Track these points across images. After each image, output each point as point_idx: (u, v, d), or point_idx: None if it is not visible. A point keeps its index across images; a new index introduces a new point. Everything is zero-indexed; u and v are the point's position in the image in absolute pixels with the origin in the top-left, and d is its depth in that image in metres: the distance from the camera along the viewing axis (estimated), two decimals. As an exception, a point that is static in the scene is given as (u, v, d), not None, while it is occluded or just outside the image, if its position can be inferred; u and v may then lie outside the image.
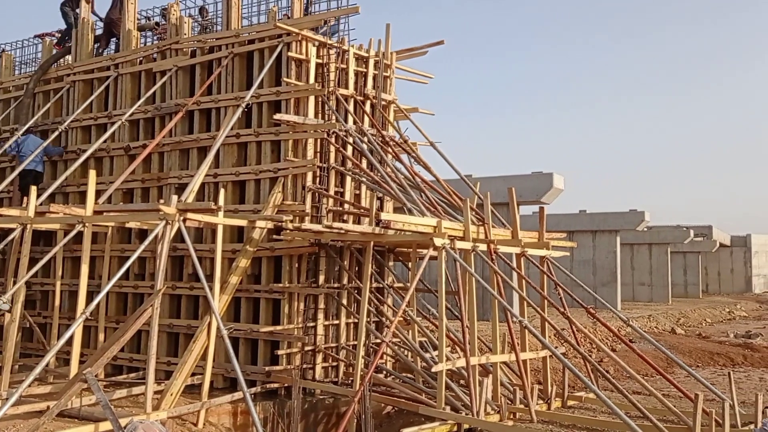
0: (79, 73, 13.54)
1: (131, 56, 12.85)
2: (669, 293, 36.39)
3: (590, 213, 30.98)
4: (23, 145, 12.75)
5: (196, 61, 12.01)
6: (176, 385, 8.69)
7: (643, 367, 13.08)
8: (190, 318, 11.16)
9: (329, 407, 10.19)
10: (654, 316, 26.35)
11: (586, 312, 10.96)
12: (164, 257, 8.78)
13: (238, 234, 11.00)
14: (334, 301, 10.97)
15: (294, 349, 10.31)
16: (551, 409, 10.18)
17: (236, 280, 10.03)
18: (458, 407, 9.07)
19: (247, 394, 7.80)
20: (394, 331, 9.82)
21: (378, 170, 11.01)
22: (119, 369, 11.50)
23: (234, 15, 11.89)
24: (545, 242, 11.03)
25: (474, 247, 9.75)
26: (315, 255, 10.67)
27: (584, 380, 8.55)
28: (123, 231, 11.97)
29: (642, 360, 10.39)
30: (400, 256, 12.23)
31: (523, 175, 22.66)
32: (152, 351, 8.34)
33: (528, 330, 9.67)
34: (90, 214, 9.78)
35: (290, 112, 10.81)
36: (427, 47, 12.85)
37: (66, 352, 9.83)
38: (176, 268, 11.53)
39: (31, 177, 12.50)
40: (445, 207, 11.21)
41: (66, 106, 13.70)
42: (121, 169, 12.09)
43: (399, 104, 12.66)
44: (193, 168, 11.42)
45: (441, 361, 8.90)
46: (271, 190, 10.72)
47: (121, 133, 12.57)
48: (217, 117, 11.59)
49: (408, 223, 9.33)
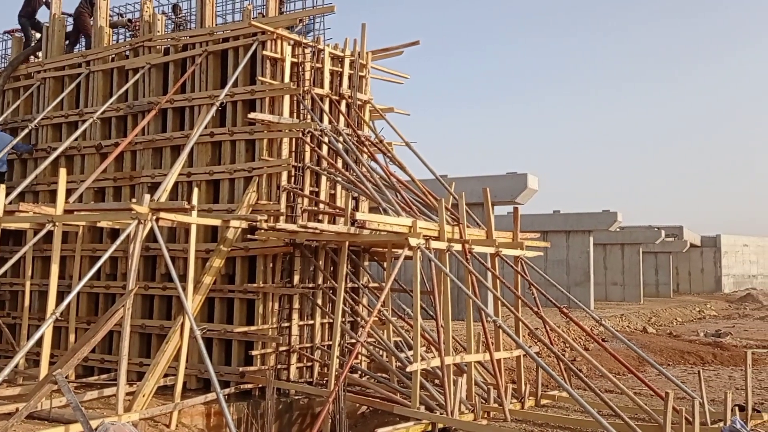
0: (49, 70, 13.31)
1: (103, 53, 12.67)
2: (641, 293, 36.92)
3: (564, 213, 31.31)
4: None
5: (169, 59, 11.88)
6: (148, 386, 8.58)
7: (616, 366, 13.24)
8: (163, 318, 11.04)
9: (304, 408, 10.15)
10: (626, 315, 26.70)
11: (559, 311, 11.08)
12: (136, 257, 8.68)
13: (212, 234, 10.91)
14: (308, 301, 10.94)
15: (268, 349, 10.25)
16: (525, 408, 10.26)
17: (210, 280, 9.95)
18: (433, 407, 9.09)
19: (220, 395, 7.74)
20: (369, 331, 9.82)
21: (353, 170, 11.00)
22: (90, 370, 11.33)
23: (208, 13, 11.79)
24: (519, 242, 11.12)
25: (449, 247, 9.78)
26: (290, 255, 10.63)
27: (557, 379, 8.63)
28: (94, 230, 11.80)
29: (614, 359, 10.53)
30: (375, 256, 12.24)
31: (498, 176, 22.81)
32: (124, 352, 8.23)
33: (502, 329, 9.74)
34: (60, 213, 9.63)
35: (265, 111, 10.76)
36: (402, 47, 12.87)
37: (36, 353, 9.68)
38: (149, 268, 11.40)
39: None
40: (420, 207, 11.24)
41: (36, 104, 13.46)
42: (93, 168, 11.92)
43: (374, 104, 12.66)
44: (167, 167, 11.29)
45: (416, 360, 8.92)
46: (245, 189, 10.65)
47: (93, 131, 12.39)
48: (190, 115, 11.48)
49: (383, 223, 9.33)
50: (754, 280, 56.15)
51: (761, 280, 57.25)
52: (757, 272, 57.34)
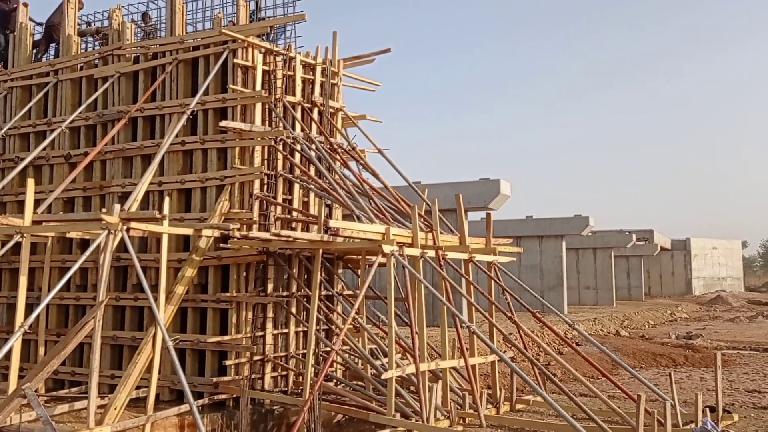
0: (16, 79, 13.10)
1: (72, 62, 12.51)
2: (613, 296, 37.39)
3: (536, 218, 31.62)
4: None
5: (139, 68, 11.78)
6: (120, 399, 8.45)
7: (589, 370, 13.34)
8: (135, 329, 10.89)
9: (279, 417, 10.08)
10: (599, 318, 26.99)
11: (533, 316, 11.17)
12: (107, 268, 8.55)
13: (184, 243, 10.80)
14: (282, 310, 10.88)
15: (242, 359, 10.17)
16: (500, 413, 10.32)
17: (182, 290, 9.85)
18: (408, 414, 9.10)
19: (193, 406, 7.65)
20: (344, 338, 9.80)
21: (326, 177, 10.99)
22: (61, 383, 11.11)
23: (178, 21, 11.72)
24: (492, 248, 11.20)
25: (422, 253, 9.82)
26: (263, 263, 10.57)
27: (532, 384, 8.69)
28: (64, 241, 11.61)
29: (588, 363, 10.64)
30: (349, 264, 12.22)
31: (471, 182, 22.98)
32: (95, 364, 8.10)
33: (476, 335, 9.79)
34: (28, 224, 9.45)
35: (237, 119, 10.71)
36: (373, 55, 12.92)
37: (4, 366, 9.48)
38: (120, 279, 11.24)
39: None
40: (393, 214, 11.27)
41: (3, 113, 13.22)
42: (62, 178, 11.73)
43: (347, 111, 12.68)
44: (137, 176, 11.17)
45: (391, 368, 8.91)
46: (217, 198, 10.58)
47: (62, 141, 12.21)
48: (161, 124, 11.38)
49: (357, 231, 9.34)
50: (723, 282, 57.24)
51: (730, 282, 58.39)
52: (726, 274, 58.47)
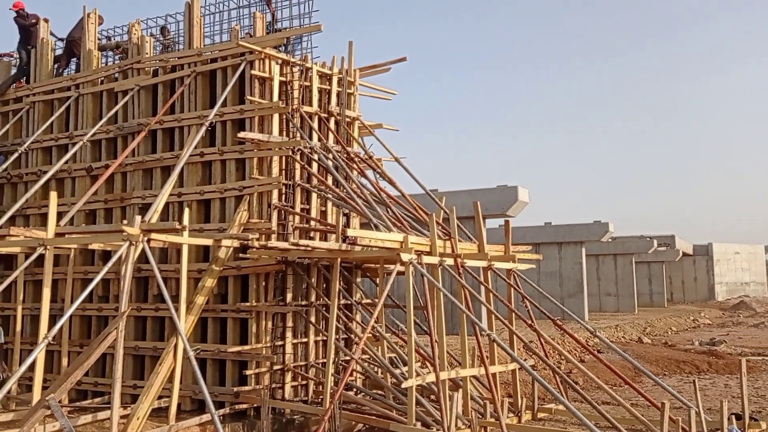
0: (38, 94, 13.32)
1: (92, 76, 12.70)
2: (635, 303, 36.99)
3: (555, 225, 31.42)
4: None
5: (158, 81, 11.93)
6: (143, 409, 8.51)
7: (612, 377, 13.22)
8: (156, 340, 10.97)
9: (300, 426, 10.08)
10: (621, 325, 26.72)
11: (553, 324, 11.08)
12: (128, 279, 8.64)
13: (204, 253, 10.89)
14: (302, 319, 10.91)
15: (262, 368, 10.20)
16: (522, 421, 10.23)
17: (202, 300, 9.91)
18: (429, 423, 9.05)
19: (215, 416, 7.68)
20: (363, 347, 9.79)
21: (343, 186, 11.02)
22: (84, 394, 11.21)
23: (196, 34, 11.85)
24: (511, 255, 11.14)
25: (441, 261, 9.80)
26: (282, 273, 10.61)
27: (553, 392, 8.62)
28: (86, 253, 11.75)
29: (610, 370, 10.52)
30: (367, 272, 12.22)
31: (488, 189, 22.90)
32: (117, 374, 8.17)
33: (497, 343, 9.73)
34: (52, 236, 9.59)
35: (254, 130, 10.79)
36: (389, 64, 12.97)
37: (28, 377, 9.57)
38: (141, 290, 11.35)
39: None
40: (411, 222, 11.25)
41: (26, 128, 13.46)
42: (84, 190, 11.89)
43: (363, 120, 12.72)
44: (157, 187, 11.29)
45: (411, 376, 8.88)
46: (236, 208, 10.66)
47: (83, 154, 12.38)
48: (180, 136, 11.51)
49: (374, 239, 9.34)
50: (746, 287, 56.39)
51: (754, 287, 57.51)
52: (749, 279, 57.61)
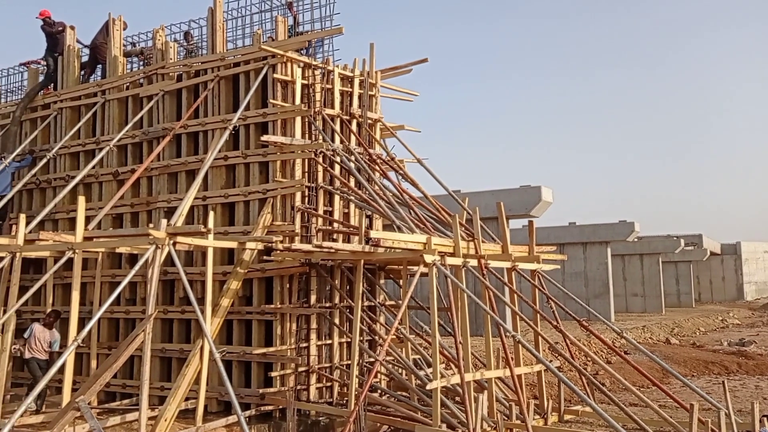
0: (66, 100, 13.55)
1: (118, 82, 12.89)
2: (662, 303, 36.48)
3: (580, 225, 31.13)
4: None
5: (182, 85, 12.06)
6: (170, 410, 8.60)
7: (639, 379, 13.07)
8: (182, 342, 11.09)
9: (325, 428, 10.11)
10: (648, 326, 26.38)
11: (579, 325, 10.97)
12: (155, 281, 8.74)
13: (229, 256, 10.98)
14: (326, 321, 10.94)
15: (287, 370, 10.25)
16: (548, 423, 10.14)
17: (228, 302, 9.99)
18: (454, 424, 9.02)
19: (241, 417, 7.74)
20: (388, 349, 9.78)
21: (366, 188, 11.04)
22: (112, 396, 11.38)
23: (219, 39, 11.96)
24: (536, 256, 11.06)
25: (464, 262, 9.76)
26: (306, 275, 10.66)
27: (580, 394, 8.54)
28: (113, 256, 11.92)
29: (637, 371, 10.40)
30: (390, 274, 12.22)
31: (512, 189, 22.78)
32: (145, 376, 8.27)
33: (522, 345, 9.67)
34: (80, 240, 9.73)
35: (277, 133, 10.86)
36: (411, 65, 12.96)
37: (58, 380, 9.72)
38: (167, 292, 11.48)
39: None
40: (434, 223, 11.24)
41: (54, 133, 13.70)
42: (110, 195, 12.07)
43: (385, 122, 12.73)
44: (182, 191, 11.42)
45: (435, 378, 8.86)
46: (260, 211, 10.73)
47: (110, 159, 12.57)
48: (204, 140, 11.62)
49: (398, 241, 9.34)
50: (776, 286, 55.27)
51: (784, 286, 56.35)
52: (779, 279, 56.45)
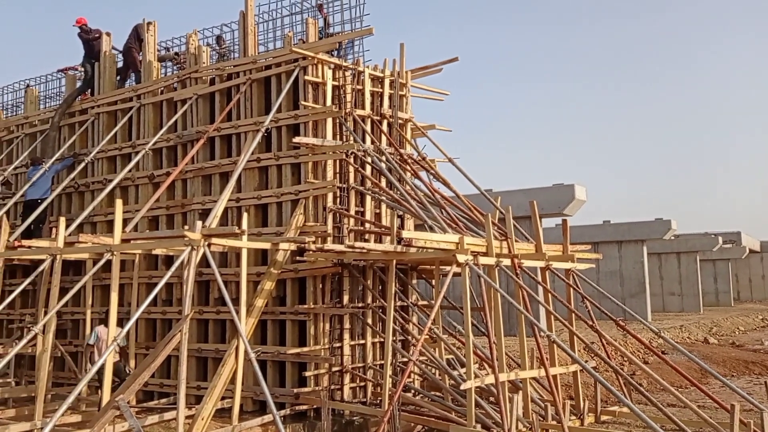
0: (102, 105, 13.84)
1: (153, 86, 13.12)
2: (700, 302, 35.75)
3: (615, 223, 30.66)
4: (31, 176, 13.11)
5: (215, 89, 12.22)
6: (207, 410, 8.72)
7: (677, 379, 12.82)
8: (218, 342, 11.23)
9: (359, 428, 10.14)
10: (686, 326, 25.87)
11: (615, 324, 10.81)
12: (191, 282, 8.87)
13: (262, 257, 11.09)
14: (359, 321, 10.97)
15: (321, 370, 10.31)
16: (584, 424, 10.01)
17: (262, 302, 10.09)
18: (489, 425, 8.97)
19: (277, 416, 7.80)
20: (421, 349, 9.77)
21: (397, 188, 11.04)
22: (150, 395, 11.57)
23: (251, 42, 12.09)
24: (570, 255, 10.93)
25: (498, 262, 9.70)
26: (338, 275, 10.70)
27: (617, 394, 8.42)
28: (149, 258, 12.13)
29: (675, 372, 10.21)
30: (423, 274, 12.21)
31: (544, 188, 22.54)
32: (182, 376, 8.40)
33: (557, 344, 9.56)
34: (118, 242, 9.92)
35: (309, 135, 10.93)
36: (441, 64, 12.92)
37: (97, 379, 9.92)
38: (202, 293, 11.63)
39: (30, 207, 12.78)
40: (466, 223, 11.18)
41: (91, 138, 13.99)
42: (146, 197, 12.28)
43: (416, 122, 12.72)
44: (216, 193, 11.57)
45: (469, 378, 8.82)
46: (292, 212, 10.81)
47: (145, 162, 12.79)
48: (237, 142, 11.75)
49: (430, 241, 9.32)
50: (819, 284, 53.67)
51: (827, 284, 54.68)
52: (822, 276, 54.80)
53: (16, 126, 15.53)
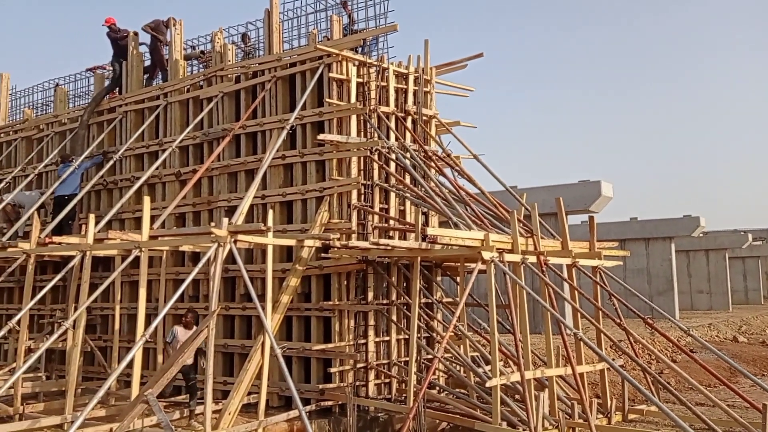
0: (130, 104, 14.01)
1: (179, 85, 13.25)
2: (729, 300, 35.16)
3: (642, 220, 30.26)
4: (61, 173, 13.33)
5: (240, 87, 12.30)
6: (233, 404, 8.80)
7: (705, 378, 12.65)
8: (244, 338, 11.32)
9: (384, 424, 10.15)
10: (714, 324, 25.46)
11: (644, 322, 10.68)
12: (217, 279, 8.95)
13: (287, 253, 11.15)
14: (383, 318, 10.98)
15: (346, 366, 10.34)
16: (612, 423, 9.92)
17: (287, 299, 10.14)
18: (515, 422, 8.92)
19: (302, 412, 7.84)
20: (446, 346, 9.75)
21: (422, 185, 11.02)
22: (178, 389, 11.68)
23: (275, 39, 12.15)
24: (597, 252, 10.81)
25: (523, 259, 9.63)
26: (363, 272, 10.72)
27: (645, 393, 8.32)
28: (176, 254, 12.25)
29: (704, 370, 10.06)
30: (447, 271, 12.17)
31: (570, 184, 22.33)
32: (209, 371, 8.48)
33: (583, 342, 9.48)
34: (146, 239, 10.04)
35: (333, 132, 10.95)
36: (466, 60, 12.87)
37: (126, 374, 10.06)
38: (228, 289, 11.73)
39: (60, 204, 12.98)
40: (491, 220, 11.12)
41: (119, 136, 14.18)
42: (173, 195, 12.42)
43: (440, 118, 12.68)
44: (242, 190, 11.65)
45: (495, 375, 8.78)
46: (317, 209, 10.85)
47: (172, 160, 12.93)
48: (262, 140, 11.83)
49: (455, 238, 9.28)
50: None
51: None
52: None
53: (46, 124, 15.80)
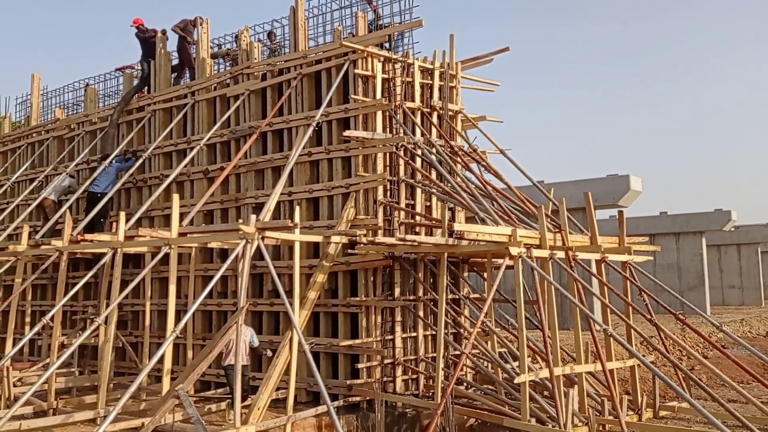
0: (158, 102, 14.19)
1: (206, 83, 13.37)
2: (761, 295, 34.46)
3: (672, 215, 29.76)
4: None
5: (266, 84, 12.38)
6: (262, 400, 8.88)
7: (738, 374, 12.42)
8: (272, 334, 11.41)
9: (412, 420, 10.17)
10: (746, 319, 24.98)
11: (675, 318, 10.52)
12: (246, 275, 9.03)
13: (314, 250, 11.20)
14: (410, 314, 10.98)
15: (373, 362, 10.36)
16: (642, 420, 9.81)
17: (314, 295, 10.20)
18: (544, 419, 8.86)
19: (331, 407, 7.89)
20: (473, 342, 9.72)
21: (448, 181, 10.98)
22: (207, 385, 11.85)
23: (301, 37, 12.19)
24: (627, 247, 10.68)
25: (551, 254, 9.55)
26: (389, 268, 10.73)
27: (677, 389, 8.19)
28: (205, 251, 12.39)
29: (737, 366, 9.88)
30: (474, 267, 12.12)
31: (598, 179, 22.04)
32: (238, 367, 8.57)
33: (613, 338, 9.37)
34: (175, 236, 10.17)
35: (359, 128, 10.97)
36: (492, 54, 12.78)
37: (157, 369, 10.21)
38: (256, 286, 11.83)
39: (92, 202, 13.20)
40: (518, 215, 11.05)
41: (148, 134, 14.38)
42: (201, 192, 12.55)
43: (466, 113, 12.61)
44: (269, 187, 11.73)
45: (523, 372, 8.73)
46: (343, 205, 10.88)
47: (200, 158, 13.07)
48: (289, 137, 11.89)
49: (482, 233, 9.24)
50: None
51: None
52: None
53: (77, 124, 16.08)
